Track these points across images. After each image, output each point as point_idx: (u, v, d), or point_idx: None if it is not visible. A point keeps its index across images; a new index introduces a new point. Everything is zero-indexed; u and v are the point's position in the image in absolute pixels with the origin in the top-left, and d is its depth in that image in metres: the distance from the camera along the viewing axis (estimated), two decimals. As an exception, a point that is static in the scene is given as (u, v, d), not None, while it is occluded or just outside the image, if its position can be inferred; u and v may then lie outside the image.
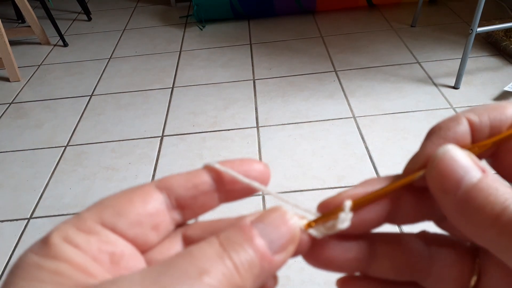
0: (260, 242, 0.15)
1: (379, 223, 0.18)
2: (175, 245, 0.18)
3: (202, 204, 0.17)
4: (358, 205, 0.17)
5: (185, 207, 0.17)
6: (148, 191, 0.17)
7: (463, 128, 0.17)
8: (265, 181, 0.18)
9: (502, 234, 0.14)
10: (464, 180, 0.15)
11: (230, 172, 0.17)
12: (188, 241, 0.18)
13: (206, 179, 0.17)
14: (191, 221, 0.19)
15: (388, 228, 0.19)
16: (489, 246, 0.15)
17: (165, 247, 0.17)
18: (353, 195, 0.18)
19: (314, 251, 0.18)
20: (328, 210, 0.18)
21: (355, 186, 0.18)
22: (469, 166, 0.16)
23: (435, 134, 0.18)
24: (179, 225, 0.18)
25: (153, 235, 0.17)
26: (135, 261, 0.16)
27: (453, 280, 0.18)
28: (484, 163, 0.16)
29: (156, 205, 0.16)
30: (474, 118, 0.17)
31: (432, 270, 0.18)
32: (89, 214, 0.16)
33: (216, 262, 0.14)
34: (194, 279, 0.13)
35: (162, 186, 0.17)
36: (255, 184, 0.18)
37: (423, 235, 0.19)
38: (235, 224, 0.16)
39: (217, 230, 0.17)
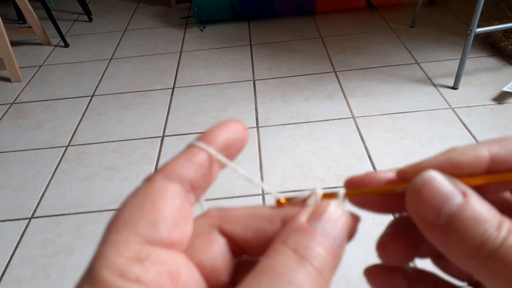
0: (326, 241, 0.15)
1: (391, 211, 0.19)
2: (216, 240, 0.18)
3: (209, 179, 0.18)
4: (352, 195, 0.18)
5: (197, 187, 0.17)
6: (163, 187, 0.16)
7: (477, 160, 0.16)
8: (246, 139, 0.19)
9: (482, 267, 0.14)
10: (444, 209, 0.15)
11: (211, 150, 0.18)
12: (227, 236, 0.18)
13: (205, 156, 0.17)
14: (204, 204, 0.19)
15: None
16: (475, 275, 0.15)
17: (205, 244, 0.17)
18: (378, 179, 0.18)
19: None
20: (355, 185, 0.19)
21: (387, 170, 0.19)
22: (449, 193, 0.15)
23: (446, 153, 0.17)
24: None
25: (188, 226, 0.17)
26: (190, 271, 0.16)
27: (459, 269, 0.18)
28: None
29: (178, 197, 0.16)
30: (497, 150, 0.17)
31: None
32: (125, 236, 0.15)
33: (302, 273, 0.14)
34: None
35: (171, 176, 0.17)
36: (242, 171, 0.19)
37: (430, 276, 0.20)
38: (291, 225, 0.16)
39: (258, 225, 0.18)
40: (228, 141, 0.18)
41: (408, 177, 0.17)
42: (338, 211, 0.16)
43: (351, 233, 0.17)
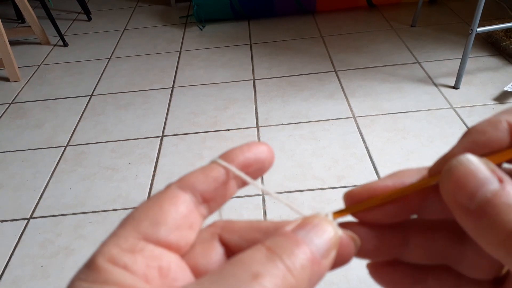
0: (306, 247, 0.15)
1: (402, 216, 0.18)
2: (215, 248, 0.18)
3: (224, 194, 0.18)
4: (348, 211, 0.18)
5: (210, 200, 0.18)
6: (174, 194, 0.17)
7: (499, 134, 0.16)
8: (270, 161, 0.20)
9: (510, 255, 0.14)
10: (478, 193, 0.15)
11: (232, 169, 0.18)
12: (226, 245, 0.18)
13: (222, 171, 0.18)
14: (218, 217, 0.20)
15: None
16: (503, 262, 0.15)
17: (204, 250, 0.18)
18: (379, 188, 0.18)
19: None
20: (352, 201, 0.19)
21: (385, 177, 0.18)
22: (485, 178, 0.15)
23: (467, 137, 0.17)
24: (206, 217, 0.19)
25: (191, 234, 0.17)
26: (181, 270, 0.17)
27: (486, 267, 0.18)
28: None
29: (186, 205, 0.17)
30: None
31: (466, 256, 0.18)
32: (127, 231, 0.16)
33: (268, 265, 0.14)
34: (248, 283, 0.14)
35: (184, 186, 0.18)
36: (257, 183, 0.19)
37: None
38: (275, 233, 0.16)
39: (253, 236, 0.18)
40: (247, 160, 0.19)
41: (439, 171, 0.17)
42: (325, 224, 0.16)
43: (346, 255, 0.17)
